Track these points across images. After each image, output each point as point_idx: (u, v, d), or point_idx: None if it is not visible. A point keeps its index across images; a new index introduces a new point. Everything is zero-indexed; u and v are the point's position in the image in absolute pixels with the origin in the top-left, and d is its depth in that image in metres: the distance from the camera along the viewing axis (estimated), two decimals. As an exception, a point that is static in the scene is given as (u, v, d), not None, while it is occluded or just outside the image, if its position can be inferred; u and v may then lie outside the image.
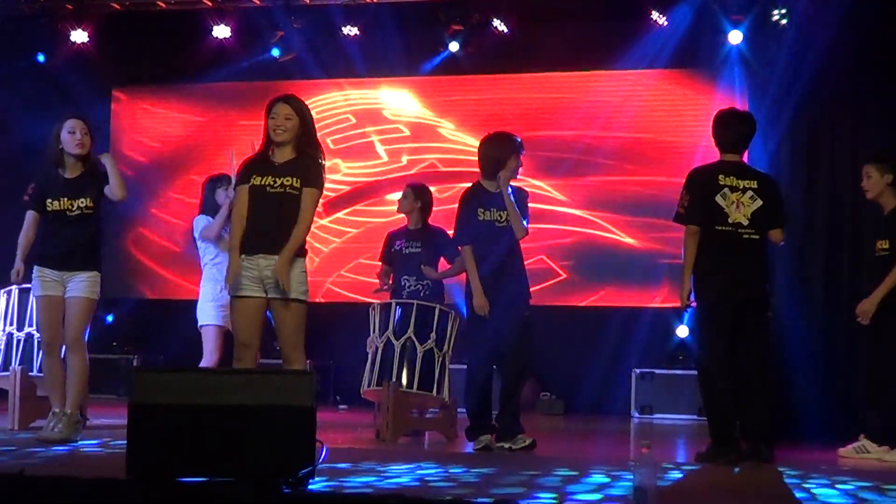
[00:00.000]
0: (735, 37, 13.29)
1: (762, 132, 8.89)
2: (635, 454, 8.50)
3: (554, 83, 14.21)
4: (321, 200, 7.76)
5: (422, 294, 10.07)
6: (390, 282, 10.36)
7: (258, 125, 7.75)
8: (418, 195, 10.42)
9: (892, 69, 12.49)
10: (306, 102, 7.73)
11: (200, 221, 10.01)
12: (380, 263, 10.56)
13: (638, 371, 13.07)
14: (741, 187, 8.36)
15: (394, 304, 9.78)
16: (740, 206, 8.33)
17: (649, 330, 13.34)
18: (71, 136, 8.56)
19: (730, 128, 8.57)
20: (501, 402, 9.04)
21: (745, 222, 8.32)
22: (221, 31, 14.43)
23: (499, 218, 8.88)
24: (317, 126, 7.78)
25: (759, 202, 8.38)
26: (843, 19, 12.38)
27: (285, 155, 7.50)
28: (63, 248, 8.55)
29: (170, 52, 14.77)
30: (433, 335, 9.60)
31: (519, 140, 9.10)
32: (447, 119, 14.48)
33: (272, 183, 7.43)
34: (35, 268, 8.62)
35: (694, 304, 8.36)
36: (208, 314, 9.84)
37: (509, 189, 8.95)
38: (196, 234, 10.00)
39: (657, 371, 13.05)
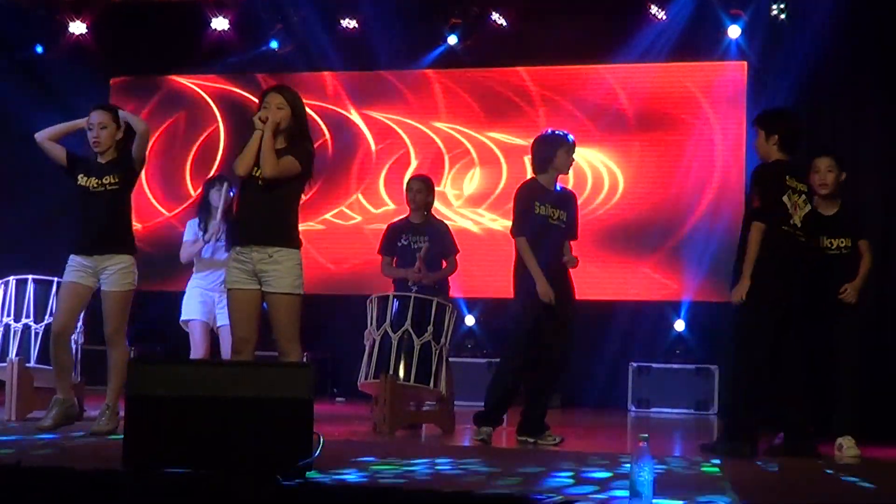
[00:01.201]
0: (734, 31, 13.31)
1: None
2: (633, 448, 8.49)
3: (552, 77, 14.19)
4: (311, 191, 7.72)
5: (431, 288, 10.07)
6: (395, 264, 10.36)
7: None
8: (432, 189, 10.46)
9: (892, 64, 12.49)
10: (299, 94, 7.70)
11: (189, 229, 10.38)
12: (380, 256, 10.51)
13: (635, 365, 13.08)
14: (798, 189, 8.45)
15: (391, 297, 9.77)
16: (797, 208, 8.40)
17: (646, 324, 13.35)
18: (89, 132, 8.58)
19: (795, 128, 8.60)
20: (532, 397, 9.10)
21: (800, 224, 8.41)
22: (220, 23, 14.45)
23: (551, 214, 8.97)
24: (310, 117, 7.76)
25: (808, 206, 8.48)
26: (843, 14, 12.39)
27: (277, 144, 7.46)
28: (92, 229, 8.50)
29: (168, 44, 14.73)
30: (430, 328, 9.59)
31: (569, 137, 9.17)
32: (445, 112, 14.45)
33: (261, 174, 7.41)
34: (70, 257, 8.59)
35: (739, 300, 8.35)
36: (190, 308, 10.02)
37: (558, 188, 9.11)
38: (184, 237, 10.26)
39: (654, 365, 13.06)
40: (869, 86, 12.66)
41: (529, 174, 9.34)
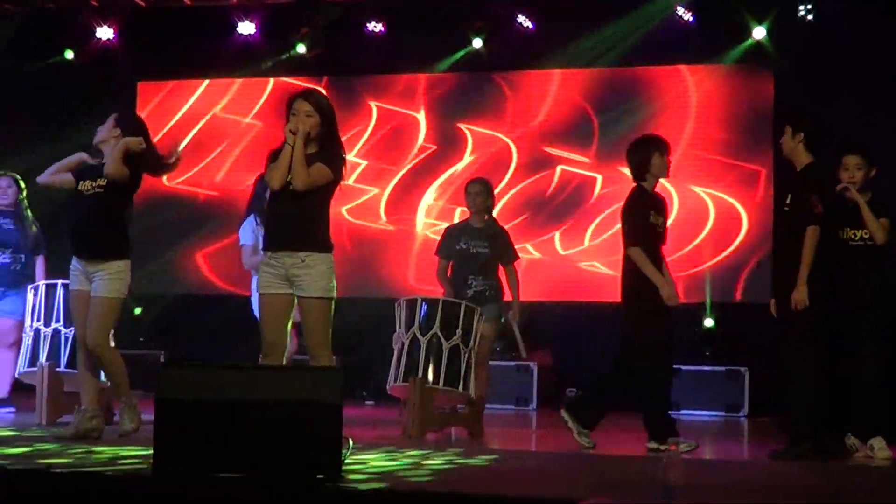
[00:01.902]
0: (759, 32, 13.24)
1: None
2: (664, 451, 8.48)
3: (578, 79, 14.17)
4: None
5: (487, 293, 10.02)
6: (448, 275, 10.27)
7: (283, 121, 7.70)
8: (491, 191, 10.33)
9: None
10: (328, 98, 7.66)
11: (244, 231, 10.09)
12: (437, 258, 10.35)
13: (664, 367, 13.02)
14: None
15: (419, 301, 9.74)
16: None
17: (677, 326, 13.27)
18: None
19: (821, 128, 8.63)
20: (597, 392, 9.23)
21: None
22: (246, 28, 14.48)
23: (657, 222, 8.96)
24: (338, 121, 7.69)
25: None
26: (871, 14, 12.35)
27: (308, 150, 7.40)
28: (81, 232, 8.41)
29: (195, 48, 14.79)
30: (459, 331, 9.55)
31: (661, 140, 9.16)
32: (471, 115, 14.43)
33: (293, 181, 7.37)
34: (72, 260, 8.52)
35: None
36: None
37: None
38: (241, 241, 10.01)
39: (683, 367, 12.98)
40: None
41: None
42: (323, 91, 8.92)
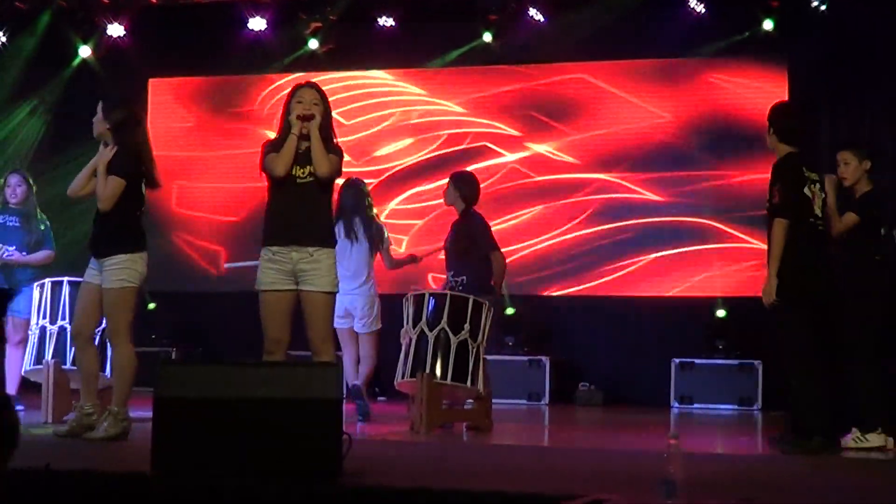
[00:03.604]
0: (768, 24, 13.14)
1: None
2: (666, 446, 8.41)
3: (588, 72, 14.08)
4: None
5: (455, 289, 9.93)
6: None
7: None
8: (457, 185, 10.31)
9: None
10: (338, 92, 7.64)
11: None
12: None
13: (678, 361, 12.96)
14: (813, 179, 8.41)
15: (427, 296, 9.70)
16: (815, 197, 8.36)
17: (689, 319, 13.23)
18: None
19: (800, 119, 8.68)
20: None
21: (820, 214, 8.38)
22: (257, 23, 14.44)
23: None
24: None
25: (823, 194, 8.43)
26: (886, 4, 12.30)
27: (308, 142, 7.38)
28: (92, 232, 8.32)
29: (205, 45, 14.75)
30: (467, 326, 9.50)
31: None
32: (482, 109, 14.36)
33: (301, 174, 7.33)
34: None
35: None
36: None
37: None
38: None
39: (697, 360, 12.93)
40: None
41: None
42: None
